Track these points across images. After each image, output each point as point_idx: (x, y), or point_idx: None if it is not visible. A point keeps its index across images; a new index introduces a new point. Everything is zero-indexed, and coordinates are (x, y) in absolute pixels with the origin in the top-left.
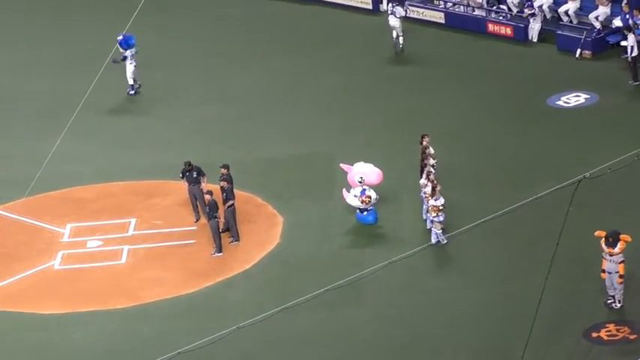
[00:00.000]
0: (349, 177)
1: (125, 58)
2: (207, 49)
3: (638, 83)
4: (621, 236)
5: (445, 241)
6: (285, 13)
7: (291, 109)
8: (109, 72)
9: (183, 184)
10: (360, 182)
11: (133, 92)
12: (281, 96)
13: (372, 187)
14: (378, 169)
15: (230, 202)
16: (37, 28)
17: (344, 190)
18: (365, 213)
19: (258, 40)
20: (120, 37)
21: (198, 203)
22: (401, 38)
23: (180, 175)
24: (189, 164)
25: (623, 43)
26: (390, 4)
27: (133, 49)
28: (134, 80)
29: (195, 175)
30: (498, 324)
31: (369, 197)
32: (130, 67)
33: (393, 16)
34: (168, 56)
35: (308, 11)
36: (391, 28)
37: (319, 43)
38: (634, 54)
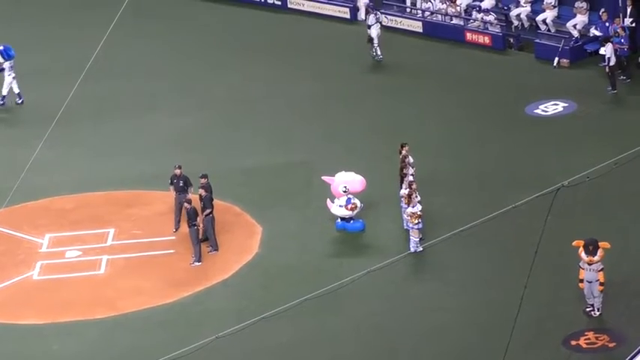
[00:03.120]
0: (332, 188)
1: (2, 69)
2: (185, 57)
3: (615, 91)
4: (600, 244)
5: (420, 249)
6: (264, 22)
7: (269, 118)
8: (88, 81)
9: (171, 192)
10: (345, 192)
11: (2, 103)
12: (259, 104)
13: (356, 195)
14: (360, 177)
15: (207, 211)
16: (15, 36)
17: (328, 200)
18: (351, 221)
19: (236, 48)
20: (1, 48)
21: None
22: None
23: (169, 181)
24: (179, 167)
25: (601, 51)
26: (373, 14)
27: (12, 61)
28: (14, 92)
29: (181, 185)
30: (477, 332)
31: (355, 205)
32: (8, 78)
33: (378, 24)
34: (145, 64)
35: (286, 20)
36: (374, 38)
37: (298, 52)
38: (611, 63)
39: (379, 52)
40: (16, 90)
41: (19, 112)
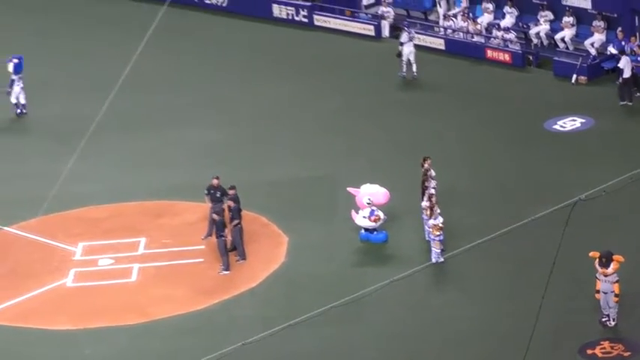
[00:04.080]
0: (357, 199)
1: (13, 82)
2: (214, 73)
3: (625, 103)
4: (614, 257)
5: (442, 260)
6: (291, 39)
7: (295, 132)
8: (120, 95)
9: (207, 202)
10: (369, 203)
11: (24, 112)
12: (286, 119)
13: (379, 206)
14: (384, 189)
15: (236, 222)
16: (51, 51)
17: (352, 211)
18: (375, 232)
19: (264, 64)
20: (15, 61)
21: None
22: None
23: (206, 191)
24: (217, 178)
25: (620, 64)
26: (407, 32)
27: (21, 73)
28: (18, 101)
29: (218, 195)
30: (496, 341)
31: (378, 217)
32: (17, 88)
33: (411, 42)
34: (176, 80)
35: (313, 37)
36: (407, 55)
37: (323, 68)
38: (625, 75)
39: (414, 70)
40: (23, 101)
41: (52, 125)
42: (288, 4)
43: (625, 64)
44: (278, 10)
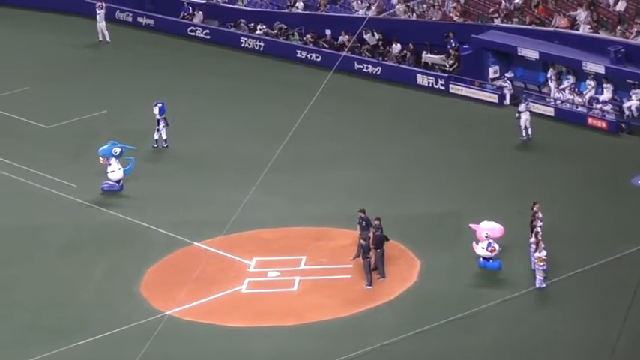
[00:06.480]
0: (477, 233)
1: (160, 121)
2: (365, 127)
3: None
4: None
5: (544, 285)
6: (430, 103)
7: (428, 177)
8: (290, 142)
9: (357, 230)
10: (487, 237)
11: (165, 145)
12: (421, 166)
13: (495, 240)
14: (500, 226)
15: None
16: (236, 109)
17: (473, 243)
18: (491, 261)
19: (406, 122)
20: (160, 105)
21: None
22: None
23: (358, 222)
24: (363, 211)
25: None
26: (525, 103)
27: (164, 114)
28: (160, 136)
29: (364, 225)
30: (585, 349)
31: (494, 248)
32: (162, 129)
33: (528, 111)
34: (334, 132)
35: (448, 102)
36: (524, 121)
37: (454, 127)
38: None
39: (529, 133)
40: (164, 136)
41: (236, 164)
42: (429, 74)
43: None
44: (421, 79)
